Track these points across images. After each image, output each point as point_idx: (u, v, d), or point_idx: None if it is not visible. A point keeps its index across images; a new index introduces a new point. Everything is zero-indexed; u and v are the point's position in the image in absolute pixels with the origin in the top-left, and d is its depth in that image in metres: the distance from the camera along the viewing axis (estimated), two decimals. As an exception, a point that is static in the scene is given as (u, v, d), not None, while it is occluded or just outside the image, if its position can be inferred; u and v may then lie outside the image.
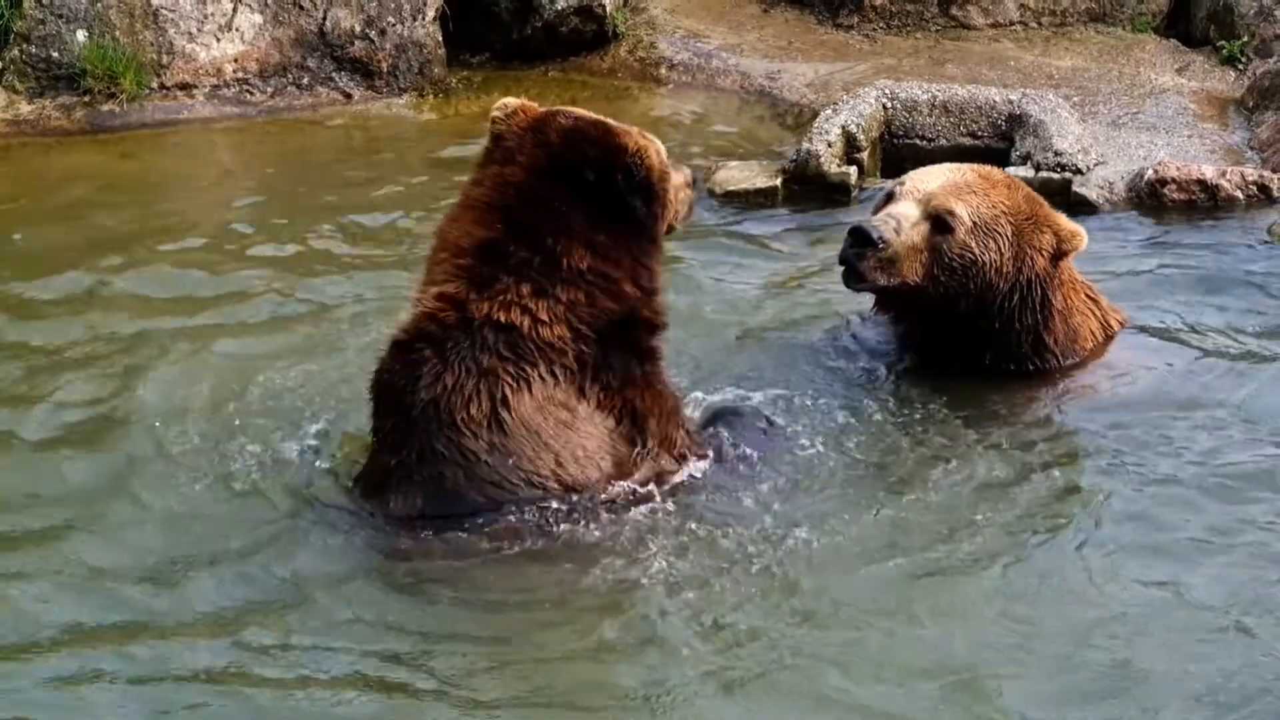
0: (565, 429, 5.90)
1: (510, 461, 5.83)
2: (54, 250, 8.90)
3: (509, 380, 5.82)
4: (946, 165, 7.21)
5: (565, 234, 5.90)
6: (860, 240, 6.79)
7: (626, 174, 5.94)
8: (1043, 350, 7.06)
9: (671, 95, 11.55)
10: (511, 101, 6.12)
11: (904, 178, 7.13)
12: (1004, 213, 6.86)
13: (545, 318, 5.88)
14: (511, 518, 5.87)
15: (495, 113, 6.08)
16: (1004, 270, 6.86)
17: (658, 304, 6.15)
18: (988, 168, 7.21)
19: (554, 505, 5.91)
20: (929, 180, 6.99)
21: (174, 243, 9.01)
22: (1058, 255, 6.96)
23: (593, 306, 5.93)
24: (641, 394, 6.06)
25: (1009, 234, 6.84)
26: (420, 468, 5.85)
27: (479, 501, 5.86)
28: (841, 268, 6.89)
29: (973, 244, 6.82)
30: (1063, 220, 7.05)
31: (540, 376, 5.86)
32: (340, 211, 9.44)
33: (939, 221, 6.85)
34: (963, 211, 6.82)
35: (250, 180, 10.33)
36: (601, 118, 6.13)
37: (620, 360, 6.01)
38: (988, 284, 6.87)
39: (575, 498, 5.93)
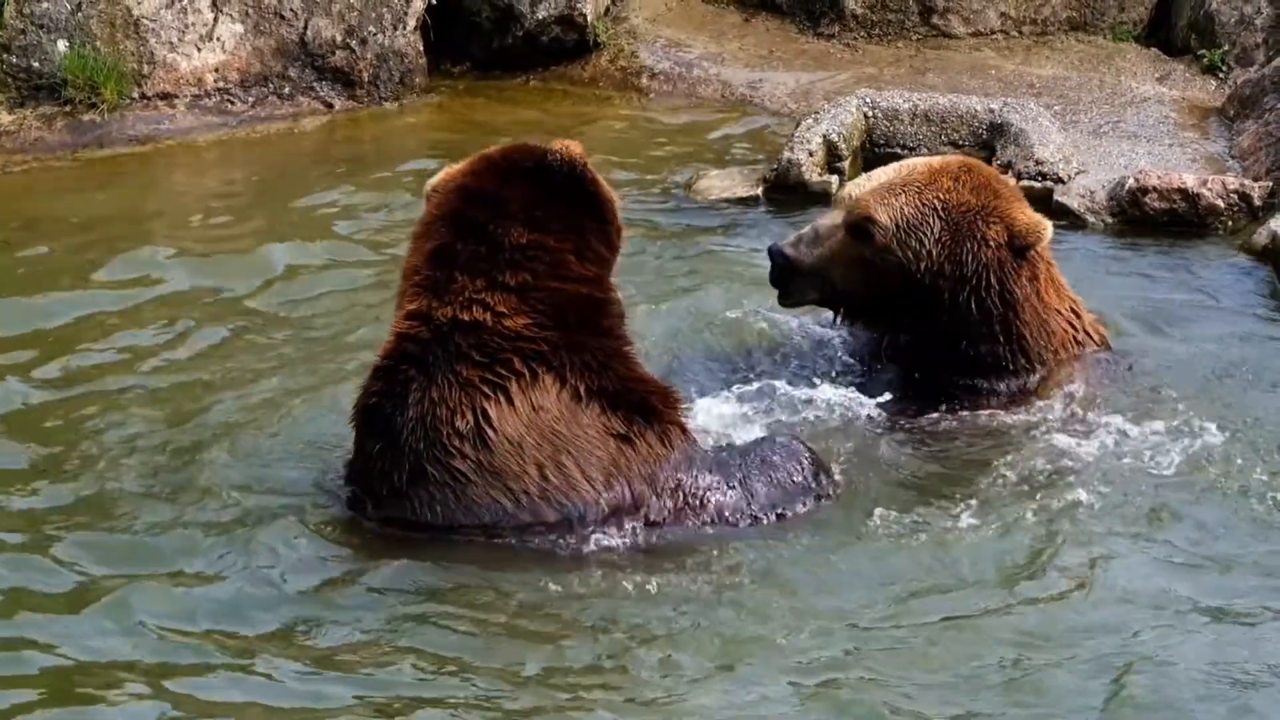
0: (552, 438, 5.88)
1: (497, 481, 5.84)
2: (35, 263, 8.90)
3: (487, 390, 5.80)
4: (903, 162, 7.00)
5: (503, 215, 5.92)
6: (774, 262, 6.78)
7: (554, 165, 6.00)
8: (1014, 339, 6.76)
9: (653, 104, 11.56)
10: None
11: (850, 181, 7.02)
12: (936, 209, 6.64)
13: (504, 309, 5.86)
14: (504, 530, 5.88)
15: (428, 187, 6.19)
16: (939, 267, 6.65)
17: (610, 286, 6.11)
18: (947, 160, 6.95)
19: (545, 517, 5.89)
20: (864, 183, 6.85)
21: (154, 253, 8.96)
22: (1017, 249, 6.67)
23: (542, 289, 5.90)
24: (625, 368, 6.03)
25: (938, 230, 6.63)
26: (412, 489, 5.85)
27: (468, 521, 5.86)
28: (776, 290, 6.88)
29: (894, 246, 6.65)
30: (1021, 214, 6.72)
31: (519, 375, 5.83)
32: (323, 220, 9.43)
33: (857, 229, 6.71)
34: (882, 216, 6.66)
35: (231, 189, 10.31)
36: None
37: (594, 340, 5.97)
38: (927, 284, 6.66)
39: (565, 507, 5.90)
